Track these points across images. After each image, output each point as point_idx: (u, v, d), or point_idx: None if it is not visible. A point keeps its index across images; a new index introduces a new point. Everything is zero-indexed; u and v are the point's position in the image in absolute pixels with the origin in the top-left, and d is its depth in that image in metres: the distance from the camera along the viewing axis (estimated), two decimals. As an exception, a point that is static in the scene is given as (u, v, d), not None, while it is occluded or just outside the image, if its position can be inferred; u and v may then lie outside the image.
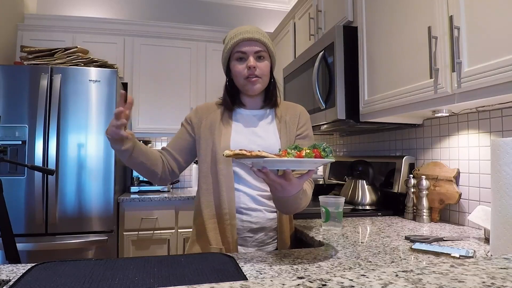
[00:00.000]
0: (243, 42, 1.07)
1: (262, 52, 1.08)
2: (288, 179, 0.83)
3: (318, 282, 0.42)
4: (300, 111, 1.19)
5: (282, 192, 0.87)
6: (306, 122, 1.19)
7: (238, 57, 1.08)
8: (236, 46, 1.08)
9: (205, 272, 0.76)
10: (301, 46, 2.28)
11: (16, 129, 2.20)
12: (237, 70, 1.08)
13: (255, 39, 1.06)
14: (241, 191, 1.08)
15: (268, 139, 1.10)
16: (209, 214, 1.08)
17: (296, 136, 1.16)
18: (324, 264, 0.87)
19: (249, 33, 1.06)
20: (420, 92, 1.19)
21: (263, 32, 1.10)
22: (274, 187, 0.86)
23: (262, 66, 1.08)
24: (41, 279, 0.71)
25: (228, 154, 0.79)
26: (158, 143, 3.25)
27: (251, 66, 1.05)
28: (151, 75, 2.92)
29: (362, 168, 1.78)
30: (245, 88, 1.09)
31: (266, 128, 1.13)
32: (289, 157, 0.79)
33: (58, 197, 2.22)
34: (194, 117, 1.17)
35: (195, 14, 3.43)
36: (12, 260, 1.30)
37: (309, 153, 0.80)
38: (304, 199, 0.97)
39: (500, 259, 0.51)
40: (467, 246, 1.06)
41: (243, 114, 1.16)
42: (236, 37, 1.07)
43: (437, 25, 1.11)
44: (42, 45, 2.65)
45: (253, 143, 1.09)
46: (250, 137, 1.10)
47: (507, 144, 0.79)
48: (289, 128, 1.14)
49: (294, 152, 0.80)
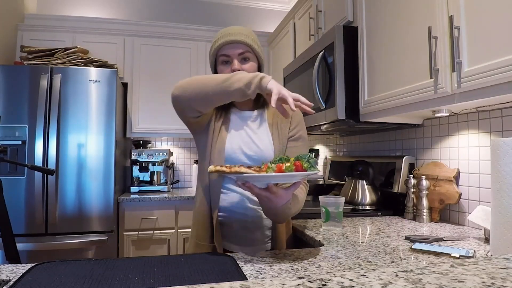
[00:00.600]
0: (226, 46, 1.06)
1: (247, 53, 1.07)
2: (272, 192, 0.83)
3: (318, 282, 0.42)
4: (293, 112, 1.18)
5: (269, 203, 0.87)
6: (299, 123, 1.15)
7: (223, 61, 1.08)
8: (220, 49, 1.07)
9: (205, 272, 0.76)
10: (301, 46, 2.28)
11: (16, 129, 2.20)
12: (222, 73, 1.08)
13: (237, 41, 1.05)
14: (235, 191, 1.08)
15: (261, 142, 1.09)
16: (205, 213, 1.09)
17: (288, 138, 1.12)
18: (324, 264, 0.87)
19: (231, 36, 1.05)
20: (420, 92, 1.19)
21: (247, 33, 1.08)
22: (261, 199, 0.87)
23: (246, 67, 1.07)
24: (41, 279, 0.71)
25: (211, 170, 0.82)
26: (158, 143, 3.25)
27: (234, 69, 1.04)
28: (151, 75, 2.92)
29: (362, 168, 1.78)
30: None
31: (260, 131, 1.12)
32: (269, 171, 0.79)
33: (58, 197, 2.22)
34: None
35: (195, 14, 3.43)
36: (12, 260, 1.30)
37: (289, 167, 0.79)
38: (294, 207, 0.96)
39: (500, 259, 0.51)
40: (467, 246, 1.06)
41: (237, 115, 1.15)
42: (219, 41, 1.07)
43: (437, 25, 1.11)
44: (42, 45, 2.65)
45: (246, 146, 1.08)
46: (245, 139, 1.10)
47: (507, 144, 0.79)
48: (281, 130, 1.12)
49: (274, 166, 0.79)
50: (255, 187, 0.82)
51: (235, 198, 1.08)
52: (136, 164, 2.86)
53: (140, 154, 2.78)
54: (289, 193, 0.86)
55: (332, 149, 2.57)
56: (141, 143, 2.98)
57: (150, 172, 2.91)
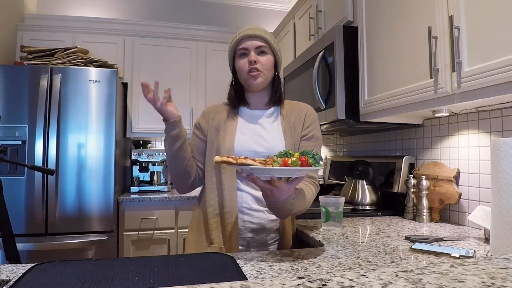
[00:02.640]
0: (245, 39, 1.10)
1: (264, 48, 1.10)
2: (274, 185, 0.83)
3: (318, 282, 0.42)
4: (307, 111, 1.16)
5: (272, 197, 0.88)
6: (313, 122, 1.15)
7: (241, 54, 1.11)
8: (238, 43, 1.11)
9: (205, 272, 0.76)
10: (301, 46, 2.28)
11: (16, 129, 2.20)
12: (239, 66, 1.10)
13: (256, 35, 1.09)
14: (244, 191, 1.08)
15: (272, 140, 1.10)
16: (212, 213, 1.09)
17: (301, 137, 1.13)
18: (324, 264, 0.87)
19: (250, 30, 1.10)
20: (420, 92, 1.19)
21: (265, 30, 1.12)
22: (264, 192, 0.88)
23: (263, 60, 1.09)
24: (41, 279, 0.71)
25: (217, 160, 0.82)
26: (158, 143, 3.25)
27: (251, 60, 1.07)
28: (151, 75, 2.92)
29: (362, 168, 1.78)
30: (247, 83, 1.10)
31: (271, 128, 1.13)
32: (275, 165, 0.80)
33: (58, 197, 2.22)
34: (202, 120, 1.18)
35: (195, 14, 3.43)
36: (12, 260, 1.30)
37: (295, 161, 0.80)
38: (297, 204, 0.96)
39: (500, 259, 0.51)
40: (467, 246, 1.06)
41: (248, 113, 1.16)
42: (238, 35, 1.11)
43: (437, 25, 1.11)
44: (42, 45, 2.64)
45: (256, 144, 1.09)
46: (254, 137, 1.10)
47: (507, 144, 0.79)
48: (295, 129, 1.12)
49: (280, 160, 0.81)
50: (259, 179, 0.83)
51: (243, 198, 1.08)
52: (136, 164, 2.86)
53: (140, 154, 2.78)
54: (291, 188, 0.87)
55: (332, 149, 2.57)
56: (141, 143, 2.98)
57: (150, 172, 2.91)
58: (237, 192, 1.08)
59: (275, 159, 0.81)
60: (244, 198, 1.08)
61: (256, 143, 1.09)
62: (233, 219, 1.05)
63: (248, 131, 1.12)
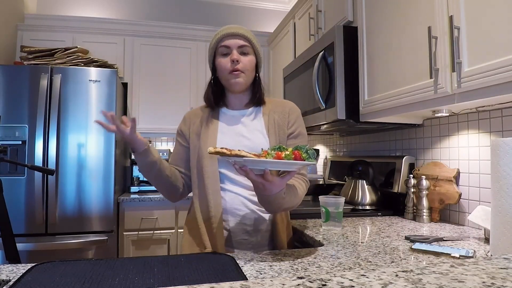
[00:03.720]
0: (227, 37, 1.08)
1: (246, 47, 1.08)
2: (267, 179, 0.83)
3: (318, 282, 0.42)
4: (290, 108, 1.15)
5: (264, 190, 0.87)
6: (297, 119, 1.14)
7: (222, 52, 1.09)
8: (220, 41, 1.09)
9: (205, 272, 0.76)
10: (301, 46, 2.28)
11: (16, 129, 2.19)
12: (221, 64, 1.08)
13: (239, 34, 1.08)
14: (232, 192, 1.07)
15: (254, 139, 1.09)
16: (201, 218, 1.07)
17: (288, 135, 1.12)
18: (324, 264, 0.87)
19: (233, 29, 1.08)
20: (420, 92, 1.19)
21: (247, 30, 1.11)
22: (256, 185, 0.87)
23: (245, 60, 1.08)
24: (41, 279, 0.71)
25: (211, 151, 0.81)
26: (158, 143, 3.25)
27: (234, 59, 1.05)
28: (151, 75, 2.92)
29: (362, 168, 1.78)
30: (229, 83, 1.09)
31: (253, 128, 1.11)
32: (269, 157, 0.80)
33: (58, 197, 2.22)
34: (184, 126, 1.18)
35: (195, 14, 3.43)
36: (12, 260, 1.30)
37: (289, 155, 0.80)
38: (289, 198, 0.94)
39: (500, 259, 0.51)
40: (467, 246, 1.06)
41: (228, 114, 1.14)
42: (220, 33, 1.09)
43: (437, 25, 1.11)
44: (42, 45, 2.64)
45: (239, 144, 1.07)
46: (236, 138, 1.09)
47: (507, 144, 0.79)
48: (279, 127, 1.11)
49: (274, 153, 0.81)
50: (252, 172, 0.83)
51: (232, 199, 1.06)
52: (136, 164, 2.86)
53: (140, 154, 2.77)
54: (283, 182, 0.86)
55: (332, 149, 2.57)
56: (141, 143, 2.97)
57: (150, 172, 2.90)
58: (228, 194, 1.06)
59: (269, 152, 0.82)
60: (234, 200, 1.06)
61: (239, 143, 1.07)
62: (219, 223, 1.03)
63: (230, 132, 1.10)
